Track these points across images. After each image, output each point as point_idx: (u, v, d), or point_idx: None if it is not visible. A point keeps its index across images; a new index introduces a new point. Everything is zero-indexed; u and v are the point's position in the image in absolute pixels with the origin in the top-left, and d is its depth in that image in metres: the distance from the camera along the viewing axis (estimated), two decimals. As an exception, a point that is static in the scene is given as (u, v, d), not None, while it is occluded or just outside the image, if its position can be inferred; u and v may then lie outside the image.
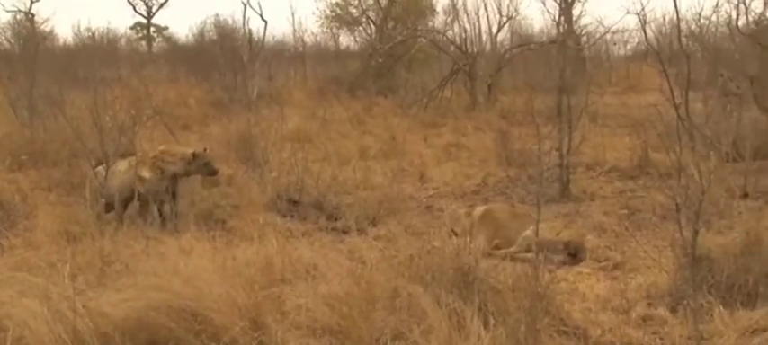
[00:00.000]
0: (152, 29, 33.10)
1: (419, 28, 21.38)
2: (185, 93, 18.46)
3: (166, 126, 11.92)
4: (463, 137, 13.68)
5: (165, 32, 33.05)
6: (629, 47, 24.07)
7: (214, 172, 8.40)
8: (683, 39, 8.50)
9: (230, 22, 21.61)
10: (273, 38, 22.71)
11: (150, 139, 10.34)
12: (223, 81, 17.59)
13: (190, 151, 8.20)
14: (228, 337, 4.27)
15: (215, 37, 22.35)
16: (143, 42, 32.56)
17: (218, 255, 5.53)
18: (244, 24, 15.00)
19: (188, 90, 18.97)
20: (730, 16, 11.95)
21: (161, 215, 7.95)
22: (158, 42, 32.86)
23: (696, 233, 4.46)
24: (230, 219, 7.93)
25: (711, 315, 4.81)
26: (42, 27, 23.24)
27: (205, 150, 8.34)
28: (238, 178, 9.37)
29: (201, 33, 24.30)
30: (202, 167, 8.23)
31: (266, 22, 14.66)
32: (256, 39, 14.31)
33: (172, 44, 30.06)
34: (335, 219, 8.25)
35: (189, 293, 4.52)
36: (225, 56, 17.48)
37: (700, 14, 9.97)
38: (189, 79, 20.79)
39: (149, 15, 32.98)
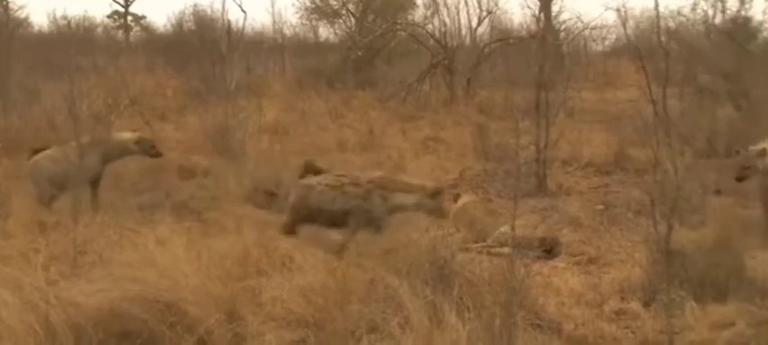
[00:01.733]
0: (129, 18, 32.78)
1: (399, 21, 21.32)
2: (163, 84, 18.34)
3: (143, 116, 11.83)
4: (441, 131, 13.69)
5: (142, 22, 32.77)
6: (606, 43, 24.21)
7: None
8: (662, 36, 8.56)
9: (209, 12, 21.49)
10: (253, 29, 22.58)
11: (127, 129, 10.25)
12: (201, 72, 17.47)
13: None
14: (203, 328, 4.25)
15: (193, 27, 22.17)
16: (120, 31, 32.24)
17: (194, 247, 5.50)
18: (222, 15, 14.91)
19: (165, 80, 18.84)
20: (707, 14, 12.09)
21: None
22: (136, 32, 32.55)
23: (670, 228, 4.50)
24: (207, 211, 7.87)
25: (683, 310, 4.87)
26: (17, 14, 22.90)
27: None
28: (215, 169, 9.33)
29: (180, 23, 24.09)
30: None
31: (245, 13, 14.60)
32: (235, 30, 14.22)
33: (150, 33, 29.81)
34: (313, 211, 8.21)
35: (164, 284, 4.50)
36: (203, 46, 17.34)
37: (677, 12, 10.05)
38: (166, 69, 20.63)
39: (127, 4, 32.65)
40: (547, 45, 11.66)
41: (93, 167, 8.04)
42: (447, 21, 20.31)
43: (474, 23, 20.94)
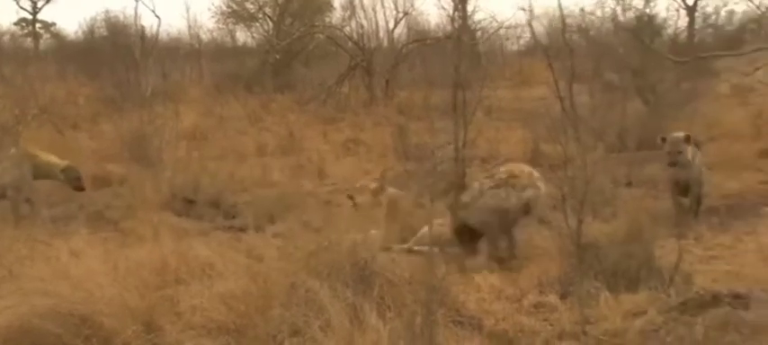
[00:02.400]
0: (38, 25, 31.70)
1: (316, 24, 21.32)
2: (75, 91, 17.84)
3: (54, 125, 11.48)
4: (362, 133, 13.74)
5: (52, 29, 31.72)
6: (521, 42, 24.69)
7: None
8: (571, 34, 8.80)
9: (121, 18, 21.00)
10: (168, 35, 22.17)
11: (36, 140, 9.91)
12: (114, 78, 17.06)
13: None
14: (120, 341, 4.17)
15: (106, 33, 21.61)
16: (29, 39, 31.13)
17: (110, 257, 5.37)
18: (135, 20, 14.61)
19: (77, 88, 18.34)
20: (614, 11, 12.50)
21: None
22: (46, 39, 31.52)
23: (580, 222, 4.63)
24: (123, 220, 7.72)
25: (598, 300, 5.01)
26: None
27: None
28: (132, 177, 9.13)
29: (91, 30, 23.47)
30: None
31: (159, 18, 14.39)
32: (149, 35, 13.95)
33: (60, 41, 28.90)
34: (233, 218, 8.17)
35: (78, 297, 4.38)
36: (116, 53, 16.92)
37: (582, 9, 10.38)
38: (78, 77, 20.08)
39: (35, 11, 31.58)
40: (463, 45, 11.79)
41: (28, 179, 8.19)
42: (364, 23, 20.38)
43: (391, 25, 21.09)
